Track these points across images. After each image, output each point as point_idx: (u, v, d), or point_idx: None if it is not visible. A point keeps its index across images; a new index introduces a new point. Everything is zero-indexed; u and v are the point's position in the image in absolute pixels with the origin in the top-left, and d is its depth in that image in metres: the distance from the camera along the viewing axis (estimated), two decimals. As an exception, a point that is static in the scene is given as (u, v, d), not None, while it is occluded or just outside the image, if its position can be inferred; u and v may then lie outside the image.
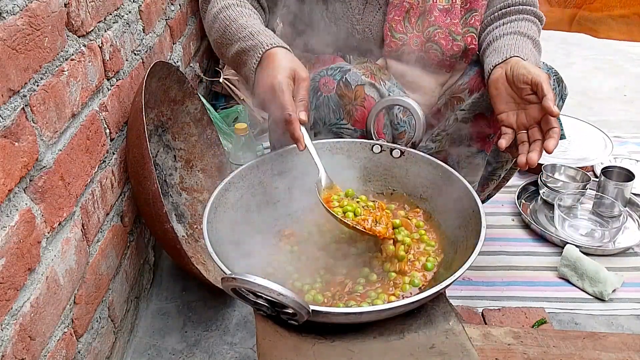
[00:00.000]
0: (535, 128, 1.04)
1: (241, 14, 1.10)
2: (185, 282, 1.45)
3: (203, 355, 1.25)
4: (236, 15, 1.10)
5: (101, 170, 1.08)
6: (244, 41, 1.05)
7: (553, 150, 0.99)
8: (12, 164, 0.75)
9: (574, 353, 0.93)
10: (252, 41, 1.03)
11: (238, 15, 1.10)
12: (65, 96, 0.91)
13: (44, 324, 0.84)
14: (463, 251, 0.87)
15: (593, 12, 2.11)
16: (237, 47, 1.06)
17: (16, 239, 0.75)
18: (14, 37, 0.75)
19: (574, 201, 1.71)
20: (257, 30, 1.05)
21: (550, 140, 1.00)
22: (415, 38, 1.23)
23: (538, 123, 1.04)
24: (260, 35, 1.04)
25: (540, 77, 1.01)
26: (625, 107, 2.52)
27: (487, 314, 1.36)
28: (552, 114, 0.99)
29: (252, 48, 1.03)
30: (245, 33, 1.05)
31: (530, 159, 1.01)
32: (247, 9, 1.13)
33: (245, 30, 1.06)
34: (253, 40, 1.03)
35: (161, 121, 1.45)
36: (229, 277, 0.72)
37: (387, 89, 1.19)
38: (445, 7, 1.23)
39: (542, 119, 1.03)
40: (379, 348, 0.77)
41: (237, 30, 1.07)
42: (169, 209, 1.45)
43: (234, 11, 1.11)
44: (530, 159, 1.01)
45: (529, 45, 1.15)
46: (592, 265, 1.43)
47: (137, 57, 1.31)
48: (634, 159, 2.01)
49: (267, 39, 1.03)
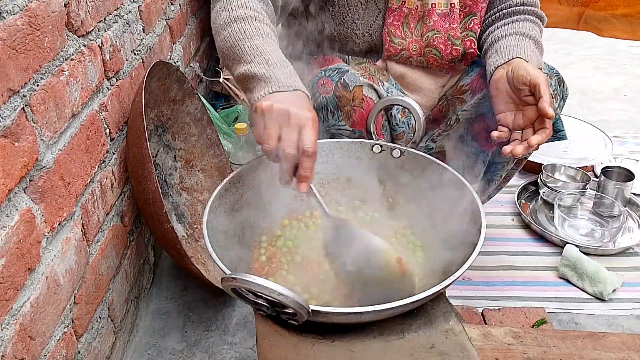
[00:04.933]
0: (530, 128, 1.05)
1: (258, 32, 0.94)
2: (185, 282, 1.45)
3: (203, 355, 1.25)
4: (252, 32, 0.94)
5: (101, 170, 1.08)
6: (256, 66, 0.89)
7: (534, 143, 1.01)
8: (12, 164, 0.75)
9: (574, 353, 0.93)
10: (266, 72, 0.88)
11: (254, 33, 0.94)
12: (65, 96, 0.91)
13: (44, 323, 0.84)
14: (463, 251, 0.87)
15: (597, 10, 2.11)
16: (247, 70, 0.90)
17: (16, 239, 0.75)
18: (14, 37, 0.75)
19: (574, 201, 1.71)
20: (274, 61, 0.90)
21: (535, 136, 1.02)
22: (414, 43, 1.23)
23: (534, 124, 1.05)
24: (277, 69, 0.89)
25: (538, 79, 1.01)
26: (625, 107, 2.52)
27: (487, 314, 1.36)
28: (546, 115, 1.00)
29: (264, 79, 0.88)
30: (260, 59, 0.90)
31: (513, 150, 1.03)
32: (266, 27, 0.97)
33: (260, 56, 0.90)
34: (267, 71, 0.88)
35: (161, 121, 1.45)
36: (229, 277, 0.72)
37: (385, 90, 1.19)
38: (444, 11, 1.23)
39: (537, 120, 1.03)
40: (379, 348, 0.77)
41: (250, 52, 0.92)
42: (169, 209, 1.45)
43: (250, 26, 0.95)
44: (513, 150, 1.03)
45: (531, 46, 1.15)
46: (592, 265, 1.43)
47: (137, 57, 1.31)
48: (634, 159, 2.01)
49: (282, 77, 0.87)
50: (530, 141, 1.01)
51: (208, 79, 2.09)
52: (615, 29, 2.15)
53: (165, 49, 1.57)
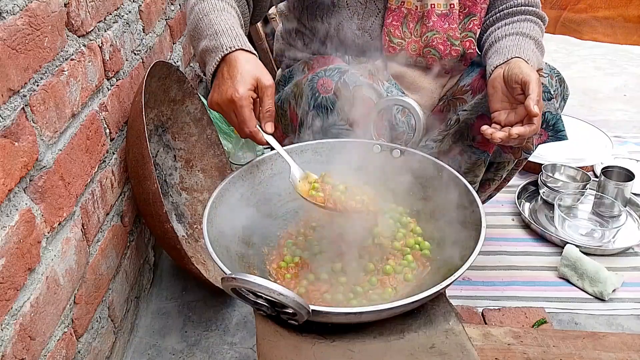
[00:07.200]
0: (520, 125, 1.04)
1: (213, 8, 1.03)
2: (185, 282, 1.45)
3: (203, 355, 1.25)
4: (209, 9, 1.03)
5: (101, 170, 1.08)
6: (208, 40, 0.99)
7: (514, 133, 1.01)
8: (12, 164, 0.75)
9: (574, 353, 0.93)
10: (215, 41, 0.97)
11: (210, 9, 1.03)
12: (65, 96, 0.91)
13: (44, 323, 0.84)
14: (463, 251, 0.87)
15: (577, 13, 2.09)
16: (202, 45, 1.00)
17: (16, 239, 0.75)
18: (14, 37, 0.75)
19: (574, 201, 1.71)
20: (222, 28, 0.99)
21: (517, 127, 1.02)
22: (413, 43, 1.23)
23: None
24: (223, 36, 0.97)
25: (529, 77, 1.01)
26: (625, 107, 2.52)
27: (487, 314, 1.36)
28: (530, 113, 1.00)
29: (213, 49, 0.97)
30: (211, 31, 0.99)
31: (493, 134, 1.03)
32: (223, 2, 1.06)
33: (212, 27, 0.99)
34: (216, 41, 0.97)
35: (161, 121, 1.45)
36: (229, 277, 0.72)
37: (385, 90, 1.19)
38: (443, 12, 1.23)
39: (526, 118, 1.03)
40: (379, 348, 0.77)
41: (206, 26, 1.01)
42: (169, 209, 1.45)
43: (208, 4, 1.04)
44: (493, 134, 1.03)
45: (531, 46, 1.15)
46: (592, 265, 1.43)
47: (137, 57, 1.31)
48: (634, 159, 2.01)
49: (228, 41, 0.96)
50: (511, 130, 1.01)
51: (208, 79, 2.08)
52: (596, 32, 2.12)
53: (165, 49, 1.57)
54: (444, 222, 0.99)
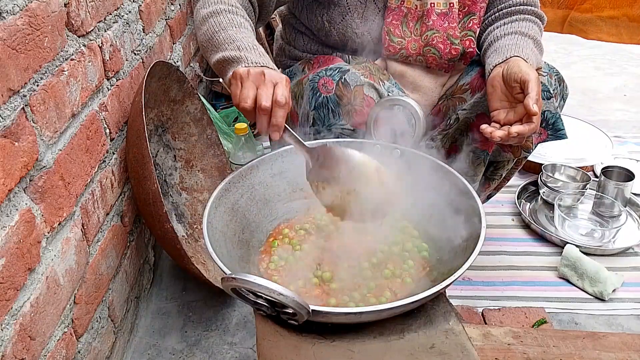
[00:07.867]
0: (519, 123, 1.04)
1: (231, 23, 1.03)
2: (185, 282, 1.45)
3: (203, 355, 1.25)
4: (226, 24, 1.02)
5: (101, 170, 1.08)
6: (229, 51, 0.98)
7: (514, 132, 1.01)
8: (12, 164, 0.75)
9: (573, 353, 0.93)
10: (238, 53, 0.96)
11: (228, 24, 1.02)
12: (65, 96, 0.91)
13: (44, 323, 0.84)
14: (463, 251, 0.87)
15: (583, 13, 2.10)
16: (221, 56, 0.99)
17: (16, 239, 0.75)
18: (14, 37, 0.75)
19: (574, 201, 1.71)
20: (245, 45, 0.98)
21: (517, 125, 1.02)
22: (413, 42, 1.24)
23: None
24: (248, 52, 0.96)
25: (528, 76, 1.02)
26: (625, 107, 2.52)
27: (487, 314, 1.36)
28: (529, 112, 1.00)
29: (236, 59, 0.96)
30: (233, 46, 0.98)
31: (493, 133, 1.04)
32: (239, 17, 1.05)
33: (233, 42, 0.99)
34: (239, 53, 0.96)
35: (161, 121, 1.45)
36: (229, 277, 0.72)
37: (386, 89, 1.19)
38: (443, 11, 1.23)
39: (525, 117, 1.03)
40: (379, 348, 0.77)
41: (224, 40, 1.00)
42: (169, 209, 1.45)
43: (224, 18, 1.03)
44: (493, 133, 1.04)
45: (530, 45, 1.15)
46: (592, 265, 1.43)
47: (137, 57, 1.31)
48: (634, 159, 2.01)
49: (254, 57, 0.95)
50: (511, 129, 1.02)
51: (208, 79, 2.09)
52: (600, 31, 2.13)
53: (165, 49, 1.57)
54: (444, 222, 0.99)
